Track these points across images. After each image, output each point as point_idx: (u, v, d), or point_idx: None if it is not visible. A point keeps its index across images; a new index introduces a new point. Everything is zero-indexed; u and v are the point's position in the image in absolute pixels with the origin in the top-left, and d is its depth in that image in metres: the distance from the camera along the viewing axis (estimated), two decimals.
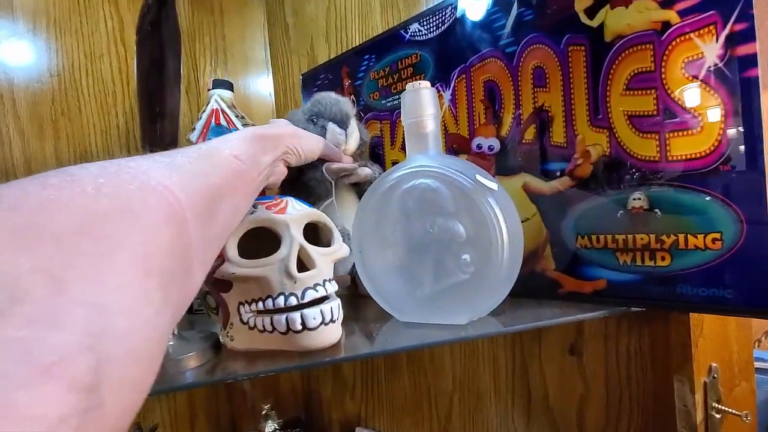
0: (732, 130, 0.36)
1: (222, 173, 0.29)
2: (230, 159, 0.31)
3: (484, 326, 0.41)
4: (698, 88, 0.37)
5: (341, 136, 0.53)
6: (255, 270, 0.36)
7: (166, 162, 0.24)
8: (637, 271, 0.41)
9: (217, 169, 0.29)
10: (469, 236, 0.40)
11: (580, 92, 0.44)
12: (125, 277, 0.17)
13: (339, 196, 0.56)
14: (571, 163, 0.44)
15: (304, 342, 0.36)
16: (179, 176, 0.23)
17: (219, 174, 0.29)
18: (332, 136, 0.53)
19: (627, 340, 0.51)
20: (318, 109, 0.55)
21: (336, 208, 0.53)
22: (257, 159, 0.35)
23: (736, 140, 0.36)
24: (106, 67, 0.66)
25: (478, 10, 0.51)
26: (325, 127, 0.54)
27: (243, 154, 0.32)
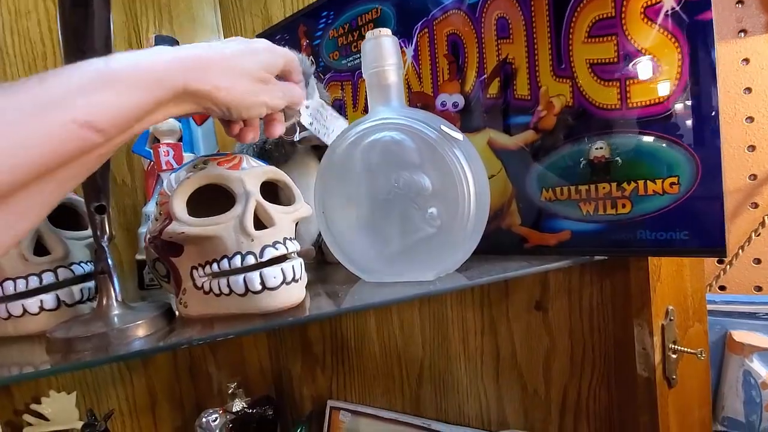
0: (688, 75, 0.36)
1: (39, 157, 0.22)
2: (72, 129, 0.22)
3: (452, 280, 0.40)
4: (657, 33, 0.37)
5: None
6: (207, 229, 0.33)
7: None
8: (600, 220, 0.42)
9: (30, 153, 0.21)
10: (435, 189, 0.39)
11: (544, 42, 0.43)
12: None
13: (298, 162, 0.53)
14: (534, 115, 0.44)
15: (264, 303, 0.34)
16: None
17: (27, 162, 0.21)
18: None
19: (590, 291, 0.53)
20: None
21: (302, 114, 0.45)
22: (138, 118, 0.26)
23: (692, 84, 0.36)
24: (34, 26, 0.59)
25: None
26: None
27: (105, 119, 0.23)
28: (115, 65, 0.24)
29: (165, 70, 0.26)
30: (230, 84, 0.30)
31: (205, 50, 0.29)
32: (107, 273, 0.34)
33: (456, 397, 0.64)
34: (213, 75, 0.29)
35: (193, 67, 0.28)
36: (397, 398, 0.69)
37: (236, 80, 0.31)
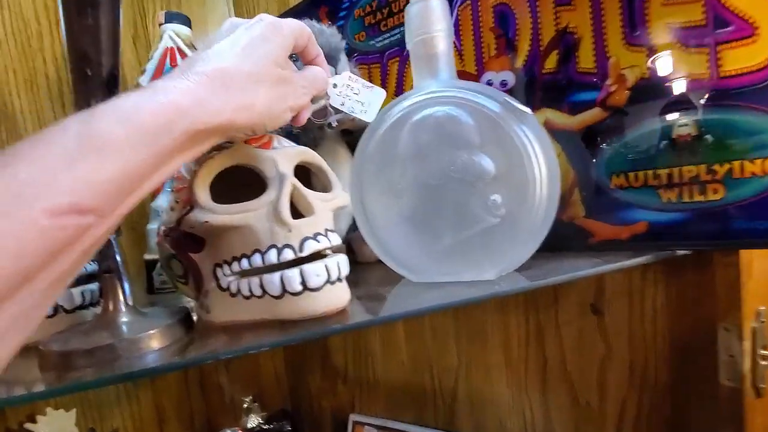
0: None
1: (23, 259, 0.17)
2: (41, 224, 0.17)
3: (515, 281, 0.34)
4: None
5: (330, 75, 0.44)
6: (236, 217, 0.28)
7: None
8: (684, 208, 0.36)
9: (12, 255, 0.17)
10: (499, 172, 0.33)
11: (613, 7, 0.37)
12: None
13: (327, 148, 0.48)
14: (602, 91, 0.38)
15: (304, 307, 0.28)
16: None
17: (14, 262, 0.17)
18: None
19: (653, 292, 0.47)
20: None
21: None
22: (146, 175, 0.21)
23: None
24: (27, 2, 0.54)
25: None
26: None
27: (95, 197, 0.19)
28: (99, 125, 0.19)
29: (164, 115, 0.21)
30: (249, 100, 0.25)
31: (207, 69, 0.23)
32: (115, 272, 0.29)
33: (496, 412, 0.58)
34: (226, 100, 0.24)
35: (199, 100, 0.23)
36: (428, 413, 0.63)
37: (254, 93, 0.25)
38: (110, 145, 0.19)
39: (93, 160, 0.19)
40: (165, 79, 0.23)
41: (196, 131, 0.22)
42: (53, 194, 0.18)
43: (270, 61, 0.26)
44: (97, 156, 0.19)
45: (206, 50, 0.25)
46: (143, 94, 0.21)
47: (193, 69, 0.23)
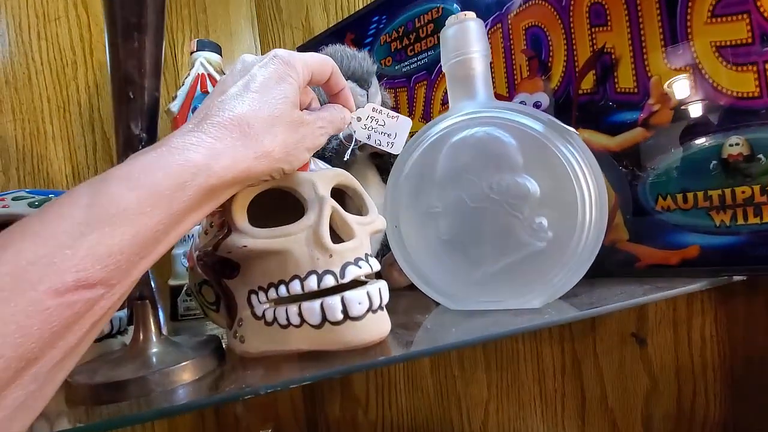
0: None
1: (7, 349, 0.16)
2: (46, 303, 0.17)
3: (563, 309, 0.32)
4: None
5: (362, 98, 0.44)
6: (276, 242, 0.26)
7: None
8: (739, 231, 0.34)
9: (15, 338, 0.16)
10: (544, 194, 0.32)
11: (653, 26, 0.37)
12: None
13: (357, 171, 0.47)
14: (644, 110, 0.37)
15: (346, 336, 0.26)
16: None
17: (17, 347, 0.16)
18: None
19: (701, 321, 0.44)
20: None
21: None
22: (159, 240, 0.20)
23: None
24: (64, 33, 0.55)
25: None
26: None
27: (105, 268, 0.18)
28: (109, 193, 0.19)
29: (178, 175, 0.20)
30: (267, 147, 0.24)
31: (223, 119, 0.23)
32: (149, 299, 0.27)
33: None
34: (243, 150, 0.23)
35: (215, 154, 0.22)
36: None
37: (271, 139, 0.24)
38: (121, 214, 0.19)
39: (102, 231, 0.18)
40: (179, 134, 0.22)
41: (211, 187, 0.21)
42: (59, 273, 0.17)
43: (286, 103, 0.25)
44: (107, 226, 0.18)
45: (221, 96, 0.24)
46: (156, 154, 0.21)
47: (208, 120, 0.22)
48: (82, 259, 0.17)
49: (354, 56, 0.44)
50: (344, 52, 0.45)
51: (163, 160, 0.20)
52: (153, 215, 0.19)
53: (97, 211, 0.18)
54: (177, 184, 0.20)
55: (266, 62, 0.26)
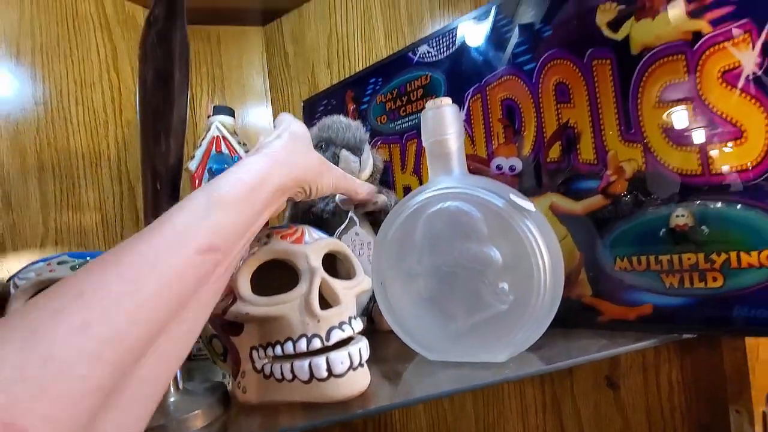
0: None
1: (167, 298, 0.21)
2: (194, 259, 0.23)
3: (524, 363, 0.37)
4: (738, 98, 0.36)
5: (356, 164, 0.50)
6: (272, 309, 0.32)
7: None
8: (687, 294, 0.38)
9: (159, 298, 0.21)
10: (506, 262, 0.36)
11: (609, 106, 0.42)
12: None
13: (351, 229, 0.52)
14: (603, 180, 0.42)
15: (330, 391, 0.31)
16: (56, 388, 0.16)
17: (159, 303, 0.21)
18: (346, 165, 0.50)
19: (669, 369, 0.48)
20: (328, 135, 0.52)
21: (356, 220, 0.49)
22: (250, 225, 0.28)
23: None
24: (98, 96, 0.63)
25: (488, 29, 0.50)
26: (338, 155, 0.50)
27: (223, 238, 0.25)
28: (219, 190, 0.27)
29: (259, 179, 0.29)
30: (308, 162, 0.35)
31: (276, 146, 0.32)
32: None
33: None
34: (294, 162, 0.33)
35: (278, 165, 0.31)
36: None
37: (310, 157, 0.35)
38: (228, 203, 0.26)
39: (219, 213, 0.25)
40: (250, 157, 0.31)
41: (278, 187, 0.30)
42: (200, 237, 0.24)
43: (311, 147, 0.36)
44: (221, 210, 0.26)
45: (270, 138, 0.34)
46: (240, 169, 0.29)
47: (267, 147, 0.32)
48: (210, 231, 0.24)
49: (348, 127, 0.50)
50: (339, 123, 0.51)
51: (247, 171, 0.29)
52: (246, 205, 0.27)
53: (214, 200, 0.26)
54: (259, 185, 0.29)
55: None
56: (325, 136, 0.52)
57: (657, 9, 0.39)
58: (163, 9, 0.28)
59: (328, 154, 0.50)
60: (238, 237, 0.27)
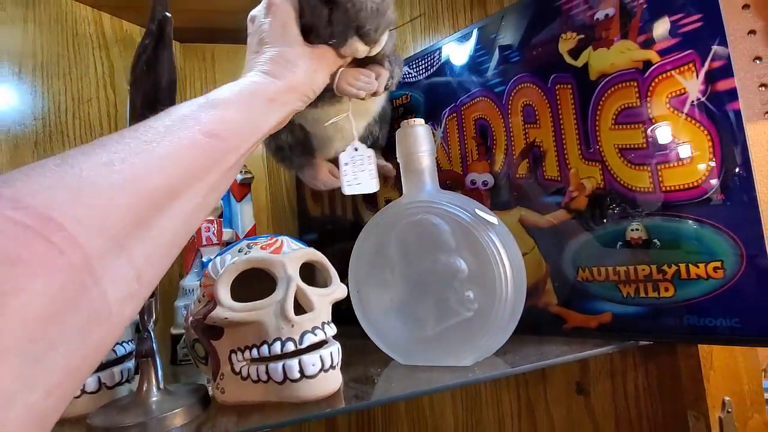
0: (721, 160, 0.37)
1: (177, 164, 0.24)
2: (200, 140, 0.26)
3: (490, 367, 0.39)
4: (684, 121, 0.39)
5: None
6: (249, 314, 0.34)
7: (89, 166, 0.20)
8: (642, 303, 0.40)
9: (170, 160, 0.24)
10: (471, 272, 0.39)
11: (570, 128, 0.45)
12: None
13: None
14: (566, 196, 0.45)
15: (301, 392, 0.33)
16: (89, 198, 0.19)
17: (171, 166, 0.23)
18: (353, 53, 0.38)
19: (635, 376, 0.50)
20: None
21: (353, 123, 0.45)
22: (253, 127, 0.30)
23: (725, 169, 0.37)
24: (94, 111, 0.66)
25: (464, 53, 0.53)
26: (346, 39, 0.37)
27: (225, 129, 0.27)
28: (216, 94, 0.29)
29: (254, 88, 0.31)
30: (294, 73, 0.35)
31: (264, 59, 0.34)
32: (151, 357, 0.35)
33: None
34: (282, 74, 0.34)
35: (270, 78, 0.33)
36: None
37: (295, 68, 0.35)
38: (226, 102, 0.29)
39: (218, 109, 0.28)
40: (247, 71, 0.34)
41: (272, 97, 0.32)
42: (204, 123, 0.26)
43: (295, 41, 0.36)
44: (220, 107, 0.28)
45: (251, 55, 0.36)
46: (234, 83, 0.31)
47: (253, 66, 0.34)
48: (214, 120, 0.27)
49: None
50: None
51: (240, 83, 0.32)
52: (246, 109, 0.30)
53: (212, 101, 0.28)
54: (253, 92, 0.31)
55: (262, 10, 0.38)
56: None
57: (612, 39, 0.42)
58: (152, 39, 0.31)
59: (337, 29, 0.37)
60: (241, 133, 0.29)
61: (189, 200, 0.25)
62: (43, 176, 0.19)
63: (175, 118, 0.26)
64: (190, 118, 0.26)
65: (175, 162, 0.24)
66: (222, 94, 0.29)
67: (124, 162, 0.21)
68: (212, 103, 0.28)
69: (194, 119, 0.26)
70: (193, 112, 0.26)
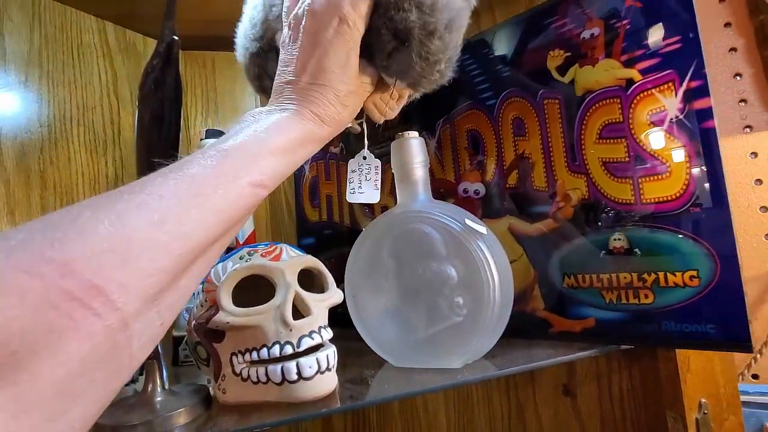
0: (697, 175, 0.39)
1: (221, 217, 0.25)
2: (246, 191, 0.26)
3: (478, 369, 0.41)
4: (663, 138, 0.41)
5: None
6: (250, 319, 0.36)
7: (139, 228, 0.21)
8: (623, 309, 0.43)
9: (217, 216, 0.24)
10: (461, 279, 0.41)
11: (557, 141, 0.47)
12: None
13: None
14: (553, 206, 0.47)
15: (299, 393, 0.35)
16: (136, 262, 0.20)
17: (215, 222, 0.24)
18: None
19: (619, 378, 0.52)
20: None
21: (365, 132, 0.45)
22: (293, 169, 0.31)
23: (701, 184, 0.39)
24: (98, 118, 0.67)
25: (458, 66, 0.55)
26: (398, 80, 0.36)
27: (271, 178, 0.28)
28: (271, 141, 0.29)
29: (305, 136, 0.31)
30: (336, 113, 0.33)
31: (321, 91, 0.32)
32: (156, 359, 0.37)
33: None
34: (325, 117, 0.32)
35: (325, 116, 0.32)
36: None
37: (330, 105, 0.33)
38: (281, 152, 0.29)
39: (270, 159, 0.28)
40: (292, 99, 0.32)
41: (320, 142, 0.32)
42: (253, 174, 0.27)
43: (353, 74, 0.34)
44: (272, 157, 0.28)
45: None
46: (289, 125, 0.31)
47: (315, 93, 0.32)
48: (262, 169, 0.27)
49: None
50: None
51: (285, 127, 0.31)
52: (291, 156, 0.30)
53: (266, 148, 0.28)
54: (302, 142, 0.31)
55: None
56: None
57: (597, 58, 0.44)
58: (160, 61, 0.32)
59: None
60: (282, 177, 0.30)
61: (221, 246, 0.27)
62: (96, 238, 0.19)
63: (228, 168, 0.26)
64: (241, 169, 0.26)
65: (220, 216, 0.25)
66: (277, 141, 0.29)
67: (173, 222, 0.22)
68: (268, 150, 0.28)
69: (245, 170, 0.26)
70: (246, 162, 0.27)
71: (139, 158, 0.37)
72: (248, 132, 0.29)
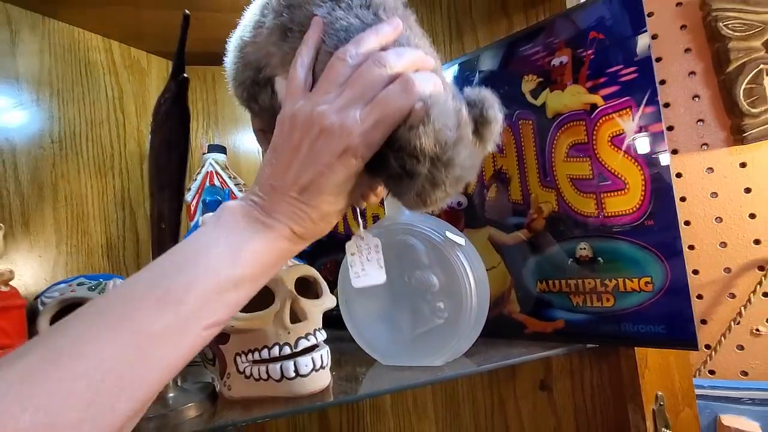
0: (651, 191, 0.44)
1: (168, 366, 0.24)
2: (199, 334, 0.25)
3: (459, 366, 0.45)
4: (622, 158, 0.45)
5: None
6: (253, 322, 0.40)
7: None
8: (589, 311, 0.47)
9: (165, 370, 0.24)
10: (442, 286, 0.45)
11: (531, 158, 0.52)
12: None
13: None
14: (527, 217, 0.52)
15: (296, 388, 0.39)
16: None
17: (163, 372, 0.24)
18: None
19: (590, 374, 0.57)
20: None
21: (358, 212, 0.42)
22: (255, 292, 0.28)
23: (654, 200, 0.44)
24: (105, 133, 0.71)
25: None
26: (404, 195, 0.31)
27: (232, 312, 0.27)
28: (242, 270, 0.26)
29: (280, 256, 0.28)
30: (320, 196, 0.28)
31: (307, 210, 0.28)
32: None
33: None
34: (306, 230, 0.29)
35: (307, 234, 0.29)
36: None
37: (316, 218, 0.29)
38: (249, 281, 0.27)
39: (239, 291, 0.26)
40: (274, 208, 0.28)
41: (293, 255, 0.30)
42: (208, 318, 0.25)
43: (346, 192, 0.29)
44: (239, 289, 0.26)
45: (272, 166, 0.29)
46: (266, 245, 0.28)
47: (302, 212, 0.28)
48: (226, 305, 0.26)
49: None
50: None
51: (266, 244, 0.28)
52: (264, 279, 0.28)
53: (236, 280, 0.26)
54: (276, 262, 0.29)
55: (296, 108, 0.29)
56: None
57: (565, 83, 0.49)
58: (170, 94, 0.37)
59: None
60: (243, 303, 0.28)
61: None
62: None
63: (186, 313, 0.24)
64: (201, 312, 0.25)
65: (164, 366, 0.24)
66: (249, 271, 0.26)
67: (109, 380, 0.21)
68: (233, 283, 0.26)
69: (205, 315, 0.25)
70: (205, 304, 0.25)
71: (151, 180, 0.41)
72: (215, 260, 0.26)
